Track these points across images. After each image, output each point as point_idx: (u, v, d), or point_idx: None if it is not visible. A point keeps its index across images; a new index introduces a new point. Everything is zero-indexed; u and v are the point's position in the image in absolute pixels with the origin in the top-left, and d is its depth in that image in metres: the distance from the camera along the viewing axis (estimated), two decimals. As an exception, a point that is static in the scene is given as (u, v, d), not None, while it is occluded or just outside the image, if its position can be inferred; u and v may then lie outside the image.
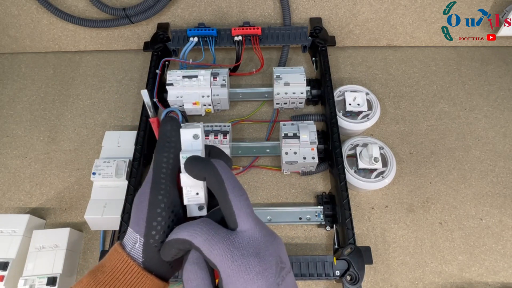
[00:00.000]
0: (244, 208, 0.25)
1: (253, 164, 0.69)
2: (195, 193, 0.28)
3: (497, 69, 0.84)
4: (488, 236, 0.64)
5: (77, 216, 0.66)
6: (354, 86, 0.74)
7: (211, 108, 0.72)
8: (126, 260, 0.26)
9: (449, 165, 0.71)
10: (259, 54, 0.77)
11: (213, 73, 0.70)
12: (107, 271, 0.26)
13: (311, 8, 0.81)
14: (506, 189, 0.68)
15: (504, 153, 0.72)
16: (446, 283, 0.60)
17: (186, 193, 0.28)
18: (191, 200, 0.28)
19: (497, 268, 0.61)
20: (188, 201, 0.28)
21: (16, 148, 0.74)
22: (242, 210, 0.24)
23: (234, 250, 0.23)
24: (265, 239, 0.24)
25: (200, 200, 0.28)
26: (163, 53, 0.78)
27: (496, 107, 0.78)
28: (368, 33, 0.85)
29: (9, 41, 0.86)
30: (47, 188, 0.69)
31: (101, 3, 0.77)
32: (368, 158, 0.64)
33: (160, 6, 0.77)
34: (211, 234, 0.23)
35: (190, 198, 0.28)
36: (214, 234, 0.23)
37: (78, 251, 0.62)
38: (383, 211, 0.66)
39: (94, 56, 0.87)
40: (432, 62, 0.85)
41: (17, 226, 0.59)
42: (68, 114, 0.79)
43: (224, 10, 0.81)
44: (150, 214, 0.26)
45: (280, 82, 0.70)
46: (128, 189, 0.60)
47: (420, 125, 0.76)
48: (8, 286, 0.54)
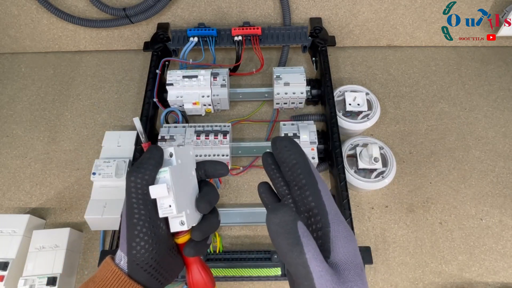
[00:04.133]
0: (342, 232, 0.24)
1: (253, 164, 0.69)
2: (168, 205, 0.29)
3: (497, 69, 0.84)
4: (488, 236, 0.64)
5: (77, 216, 0.66)
6: (354, 86, 0.74)
7: (211, 108, 0.72)
8: (115, 270, 0.28)
9: (449, 165, 0.71)
10: (259, 54, 0.77)
11: (213, 73, 0.70)
12: (97, 281, 0.28)
13: (311, 8, 0.81)
14: (506, 189, 0.68)
15: (504, 153, 0.72)
16: (446, 283, 0.60)
17: (159, 206, 0.29)
18: (165, 212, 0.29)
19: (497, 268, 0.61)
20: (163, 214, 0.29)
21: (16, 148, 0.74)
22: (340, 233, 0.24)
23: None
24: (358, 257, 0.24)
25: (173, 212, 0.29)
26: (163, 53, 0.78)
27: (496, 107, 0.78)
28: (368, 33, 0.85)
29: (9, 41, 0.86)
30: (47, 188, 0.69)
31: (101, 3, 0.77)
32: (368, 158, 0.64)
33: (160, 6, 0.77)
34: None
35: (164, 211, 0.29)
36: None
37: (78, 251, 0.62)
38: (383, 211, 0.66)
39: (94, 56, 0.87)
40: (432, 62, 0.85)
41: (17, 226, 0.59)
42: (68, 114, 0.79)
43: (224, 10, 0.81)
44: (129, 235, 0.28)
45: (280, 82, 0.70)
46: (128, 189, 0.60)
47: (420, 125, 0.76)
48: (8, 286, 0.54)
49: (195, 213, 0.32)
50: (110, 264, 0.28)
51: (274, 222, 0.22)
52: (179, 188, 0.30)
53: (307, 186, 0.26)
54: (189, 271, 0.34)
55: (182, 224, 0.30)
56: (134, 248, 0.28)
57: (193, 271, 0.34)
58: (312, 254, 0.21)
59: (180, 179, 0.31)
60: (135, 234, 0.28)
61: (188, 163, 0.33)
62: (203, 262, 0.35)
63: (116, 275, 0.28)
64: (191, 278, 0.34)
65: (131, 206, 0.29)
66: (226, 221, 0.62)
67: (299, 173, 0.27)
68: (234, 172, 0.68)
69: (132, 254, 0.28)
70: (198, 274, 0.34)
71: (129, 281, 0.28)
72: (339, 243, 0.23)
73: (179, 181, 0.31)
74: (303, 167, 0.27)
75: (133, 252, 0.28)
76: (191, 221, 0.31)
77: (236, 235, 0.64)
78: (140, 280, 0.28)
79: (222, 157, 0.64)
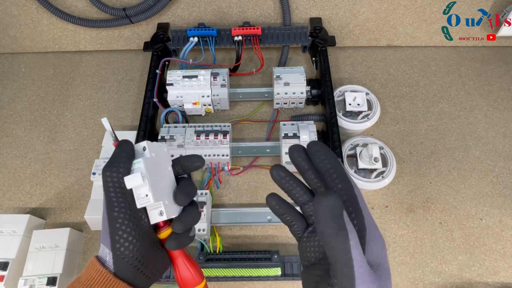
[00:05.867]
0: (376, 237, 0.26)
1: (253, 164, 0.69)
2: (145, 194, 0.29)
3: (497, 69, 0.84)
4: (488, 236, 0.64)
5: (77, 216, 0.66)
6: (354, 86, 0.74)
7: (211, 108, 0.72)
8: (99, 269, 0.28)
9: (449, 165, 0.71)
10: (259, 54, 0.77)
11: (213, 73, 0.70)
12: (83, 281, 0.28)
13: (311, 8, 0.81)
14: (506, 189, 0.68)
15: (504, 153, 0.72)
16: (446, 283, 0.60)
17: (136, 197, 0.30)
18: (142, 202, 0.29)
19: (497, 268, 0.61)
20: (140, 204, 0.29)
21: (16, 148, 0.74)
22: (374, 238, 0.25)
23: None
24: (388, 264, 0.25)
25: (150, 200, 0.29)
26: (163, 53, 0.78)
27: (496, 107, 0.78)
28: (368, 33, 0.85)
29: (9, 41, 0.86)
30: (47, 188, 0.69)
31: (101, 3, 0.77)
32: (368, 158, 0.64)
33: (160, 6, 0.77)
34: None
35: (141, 201, 0.29)
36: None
37: (78, 251, 0.62)
38: (383, 211, 0.66)
39: (94, 56, 0.87)
40: (432, 62, 0.85)
41: (17, 226, 0.59)
42: (68, 114, 0.79)
43: (224, 10, 0.81)
44: (111, 229, 0.28)
45: (280, 82, 0.70)
46: (128, 189, 0.60)
47: (420, 125, 0.76)
48: (8, 286, 0.55)
49: (174, 205, 0.32)
50: (95, 264, 0.28)
51: (324, 204, 0.22)
52: (155, 178, 0.30)
53: (343, 191, 0.27)
54: (176, 266, 0.34)
55: (161, 215, 0.30)
56: (118, 242, 0.28)
57: (179, 265, 0.33)
58: (355, 242, 0.21)
59: (155, 171, 0.31)
60: (117, 227, 0.28)
61: (163, 159, 0.33)
62: (189, 256, 0.34)
63: (102, 274, 0.28)
64: (178, 274, 0.34)
65: (110, 200, 0.29)
66: (226, 221, 0.62)
67: (335, 178, 0.27)
68: (234, 172, 0.68)
69: (116, 247, 0.28)
70: (185, 269, 0.33)
71: (115, 280, 0.28)
72: (374, 247, 0.24)
73: (154, 173, 0.31)
74: (339, 172, 0.27)
75: (117, 245, 0.28)
76: (171, 212, 0.31)
77: (236, 235, 0.64)
78: (127, 276, 0.28)
79: (222, 157, 0.64)
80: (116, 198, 0.29)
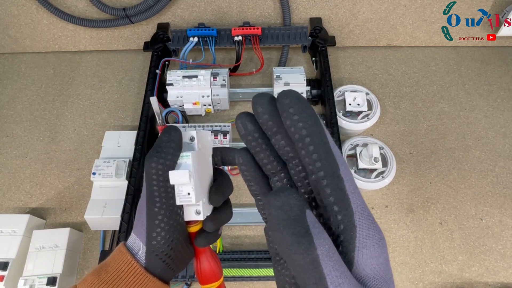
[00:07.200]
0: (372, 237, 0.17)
1: (253, 164, 0.69)
2: (187, 192, 0.27)
3: (497, 69, 0.84)
4: (488, 236, 0.64)
5: (77, 216, 0.66)
6: (354, 86, 0.74)
7: (211, 108, 0.72)
8: (130, 261, 0.27)
9: (449, 165, 0.71)
10: (259, 54, 0.77)
11: (213, 73, 0.70)
12: (111, 271, 0.27)
13: (311, 8, 0.81)
14: (506, 189, 0.68)
15: (504, 153, 0.72)
16: (446, 283, 0.60)
17: (177, 193, 0.28)
18: (183, 200, 0.27)
19: (497, 268, 0.61)
20: (180, 201, 0.27)
21: (16, 148, 0.74)
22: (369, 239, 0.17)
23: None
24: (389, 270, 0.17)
25: (191, 200, 0.27)
26: (163, 53, 0.78)
27: (496, 107, 0.78)
28: (368, 33, 0.85)
29: (9, 41, 0.86)
30: (47, 188, 0.69)
31: (101, 3, 0.77)
32: (368, 158, 0.64)
33: (160, 6, 0.77)
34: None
35: (181, 198, 0.27)
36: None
37: (78, 251, 0.62)
38: (383, 211, 0.66)
39: (94, 56, 0.87)
40: (432, 62, 0.85)
41: (17, 226, 0.59)
42: (68, 114, 0.79)
43: (224, 10, 0.81)
44: (149, 225, 0.27)
45: (280, 82, 0.70)
46: (128, 189, 0.60)
47: (420, 125, 0.76)
48: (8, 286, 0.54)
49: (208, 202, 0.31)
50: (126, 254, 0.27)
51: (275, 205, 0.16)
52: (198, 175, 0.28)
53: (323, 172, 0.17)
54: (198, 260, 0.33)
55: (197, 214, 0.29)
56: (154, 239, 0.27)
57: (202, 260, 0.33)
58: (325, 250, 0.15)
59: (199, 165, 0.29)
60: (156, 224, 0.27)
61: (207, 149, 0.31)
62: (213, 251, 0.34)
63: (132, 267, 0.26)
64: (199, 267, 0.33)
65: (152, 195, 0.27)
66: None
67: (311, 151, 0.17)
68: (234, 172, 0.68)
69: (152, 244, 0.27)
70: (207, 264, 0.33)
71: (146, 274, 0.27)
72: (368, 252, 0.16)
73: (198, 168, 0.29)
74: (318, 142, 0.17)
75: (153, 242, 0.27)
76: (206, 211, 0.30)
77: (236, 235, 0.64)
78: (156, 271, 0.27)
79: (222, 157, 0.64)
80: (158, 192, 0.27)
